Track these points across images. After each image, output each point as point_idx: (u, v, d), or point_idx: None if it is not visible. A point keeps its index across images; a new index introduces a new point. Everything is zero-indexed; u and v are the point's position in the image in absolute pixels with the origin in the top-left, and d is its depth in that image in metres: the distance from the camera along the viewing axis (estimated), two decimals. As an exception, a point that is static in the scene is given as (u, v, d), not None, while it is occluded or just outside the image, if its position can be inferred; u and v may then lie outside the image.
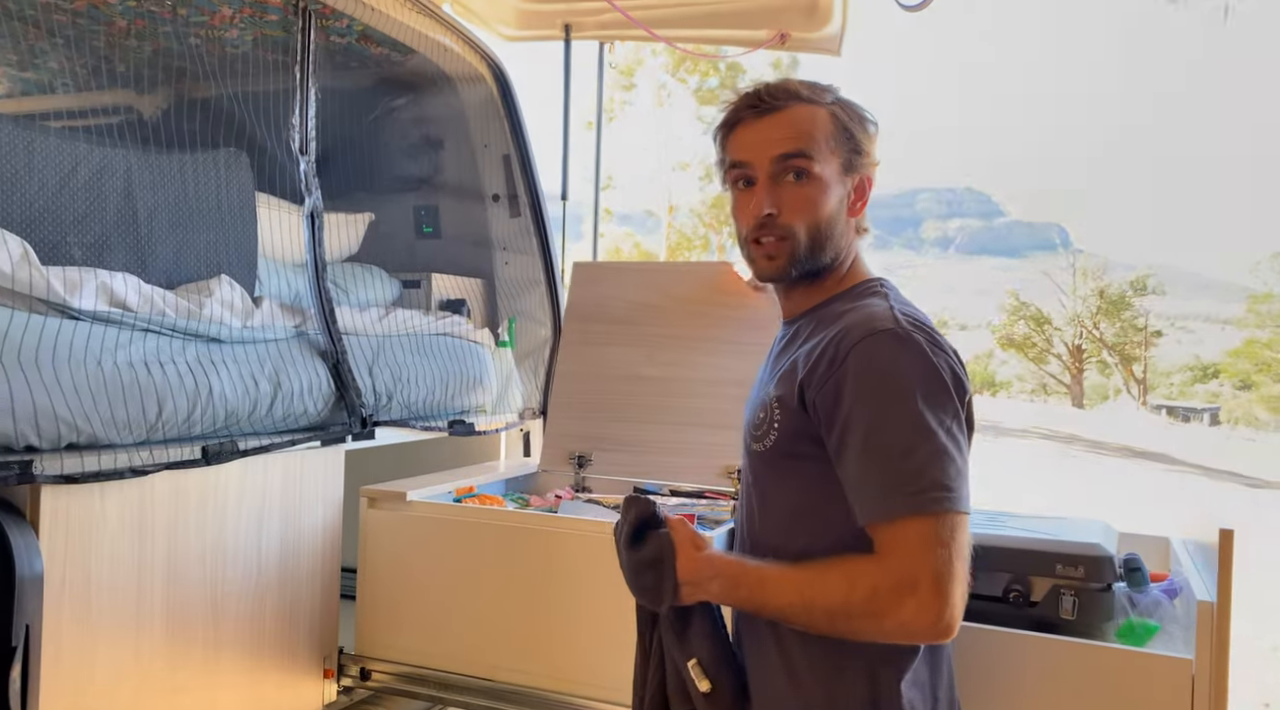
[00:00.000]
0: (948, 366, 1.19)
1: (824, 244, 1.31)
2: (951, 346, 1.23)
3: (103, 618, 1.72)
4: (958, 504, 1.11)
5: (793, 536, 1.27)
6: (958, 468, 1.13)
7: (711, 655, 1.29)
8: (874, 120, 1.37)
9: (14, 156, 1.79)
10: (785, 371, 1.29)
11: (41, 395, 1.62)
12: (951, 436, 1.14)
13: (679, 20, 3.23)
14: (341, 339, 2.37)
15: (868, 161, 1.35)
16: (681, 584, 1.28)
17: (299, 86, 2.33)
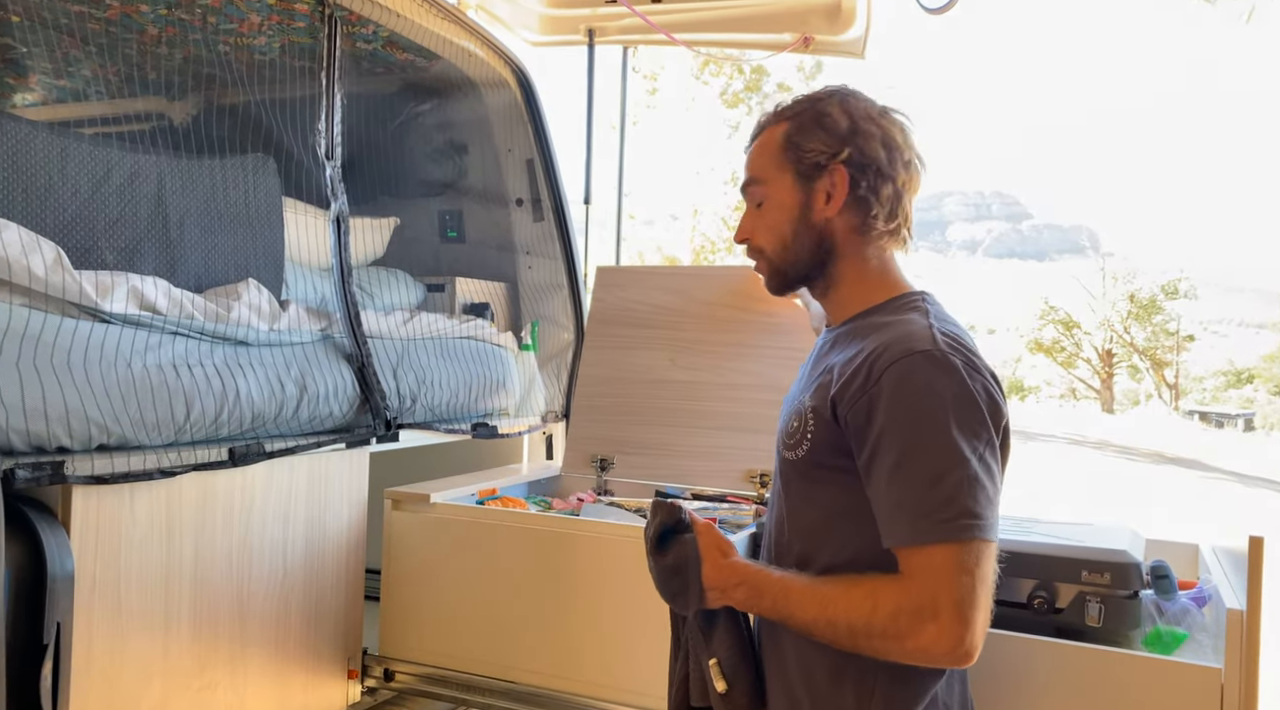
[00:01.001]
0: (984, 391, 1.17)
1: (798, 255, 1.34)
2: (990, 369, 1.21)
3: (132, 616, 1.75)
4: (985, 532, 1.11)
5: (820, 547, 1.27)
6: (988, 495, 1.13)
7: (731, 657, 1.30)
8: (849, 110, 1.31)
9: (48, 163, 1.82)
10: (820, 381, 1.28)
11: (73, 397, 1.65)
12: (984, 463, 1.14)
13: (702, 25, 3.24)
14: (366, 342, 2.39)
15: (831, 157, 1.29)
16: (707, 589, 1.29)
17: (325, 92, 2.35)
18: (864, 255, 1.34)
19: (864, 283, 1.34)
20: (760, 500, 2.46)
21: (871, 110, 1.31)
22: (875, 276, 1.34)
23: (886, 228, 1.32)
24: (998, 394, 1.19)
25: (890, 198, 1.31)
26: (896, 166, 1.30)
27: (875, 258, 1.34)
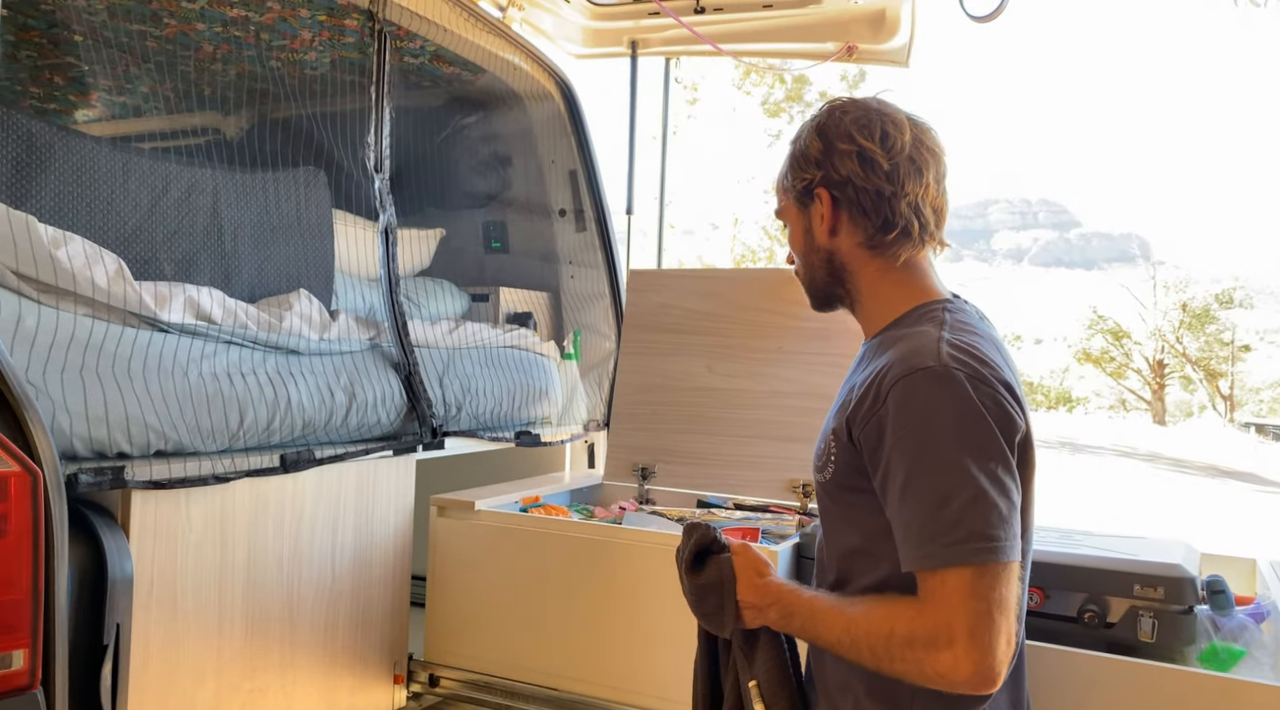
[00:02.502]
0: (992, 403, 1.14)
1: (814, 277, 1.39)
2: (1005, 379, 1.17)
3: (187, 619, 1.79)
4: (999, 554, 1.08)
5: (855, 569, 1.27)
6: (1001, 514, 1.09)
7: (771, 680, 1.29)
8: (826, 133, 1.31)
9: (110, 178, 1.89)
10: (843, 401, 1.29)
11: (133, 404, 1.70)
12: (995, 480, 1.10)
13: (745, 35, 3.24)
14: (413, 351, 2.43)
15: (817, 181, 1.32)
16: (743, 608, 1.30)
17: (374, 106, 2.40)
18: (879, 267, 1.33)
19: (884, 295, 1.34)
20: (803, 510, 2.44)
21: (851, 126, 1.30)
22: (896, 287, 1.33)
23: (887, 237, 1.30)
24: (1010, 405, 1.15)
25: (877, 207, 1.29)
26: (876, 176, 1.28)
27: (893, 268, 1.32)
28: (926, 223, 1.30)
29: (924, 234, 1.31)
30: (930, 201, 1.30)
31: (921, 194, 1.29)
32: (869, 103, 1.33)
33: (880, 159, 1.28)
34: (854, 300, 1.38)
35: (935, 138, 1.33)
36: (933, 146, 1.31)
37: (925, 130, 1.32)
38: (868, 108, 1.32)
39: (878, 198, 1.29)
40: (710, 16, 3.16)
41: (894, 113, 1.31)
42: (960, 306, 1.32)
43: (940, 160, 1.32)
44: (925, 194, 1.29)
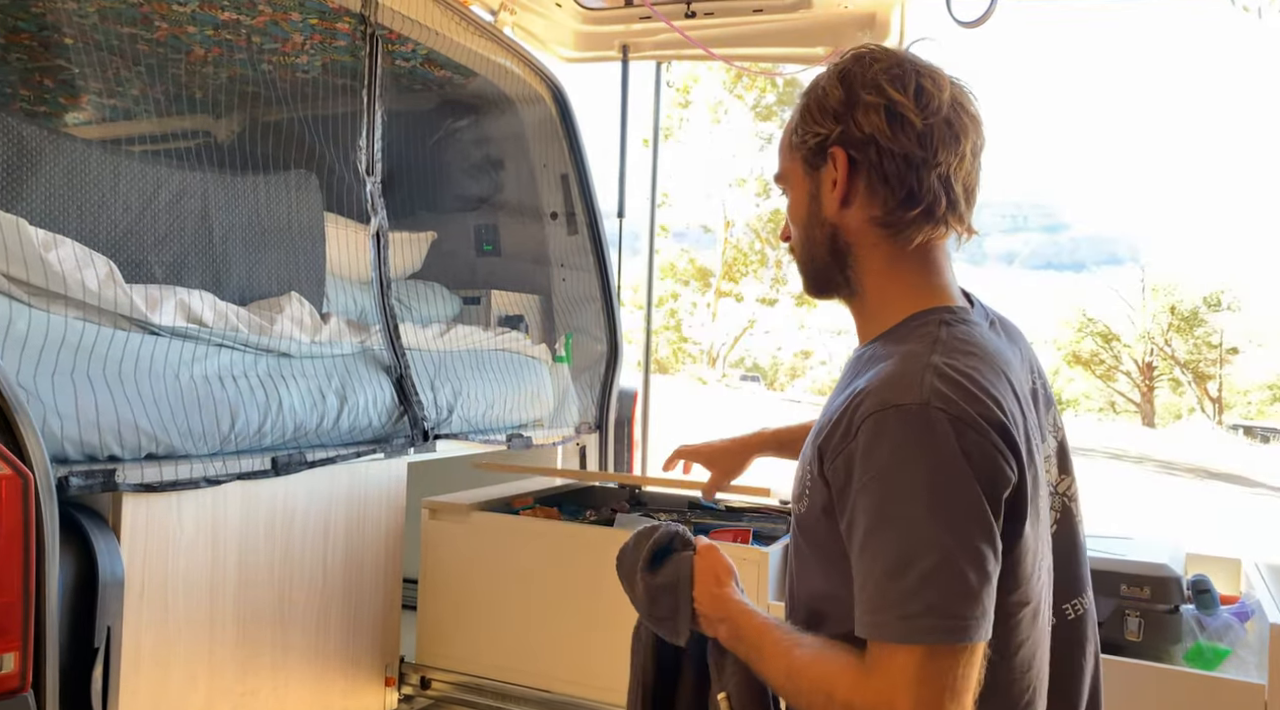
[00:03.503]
0: (979, 453, 0.94)
1: (814, 254, 1.16)
2: (1000, 418, 0.96)
3: (178, 622, 1.79)
4: (959, 635, 0.91)
5: (822, 617, 1.09)
6: (969, 588, 0.91)
7: (742, 692, 1.15)
8: (849, 79, 1.08)
9: (102, 181, 1.89)
10: (819, 425, 1.08)
11: (124, 407, 1.70)
12: (967, 547, 0.92)
13: (736, 39, 3.26)
14: (405, 354, 2.43)
15: (833, 137, 1.09)
16: (698, 615, 1.17)
17: (366, 110, 2.41)
18: (888, 254, 1.11)
19: (887, 292, 1.12)
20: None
21: (880, 75, 1.06)
22: (900, 283, 1.11)
23: (908, 214, 1.07)
24: (1001, 453, 0.95)
25: (901, 175, 1.06)
26: (905, 136, 1.05)
27: (904, 256, 1.11)
28: (956, 201, 1.08)
29: (950, 214, 1.08)
30: (963, 177, 1.08)
31: (955, 166, 1.07)
32: (902, 53, 1.10)
33: (913, 117, 1.05)
34: (853, 292, 1.15)
35: (976, 103, 1.10)
36: (974, 112, 1.09)
37: (965, 92, 1.09)
38: (901, 58, 1.09)
39: (905, 164, 1.05)
40: (701, 20, 3.18)
41: (931, 67, 1.09)
42: (964, 317, 1.09)
43: (979, 130, 1.10)
44: (959, 167, 1.07)
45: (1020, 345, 1.18)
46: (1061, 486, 1.17)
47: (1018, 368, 1.09)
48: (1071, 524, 1.18)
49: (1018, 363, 1.11)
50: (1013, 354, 1.11)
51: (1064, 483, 1.17)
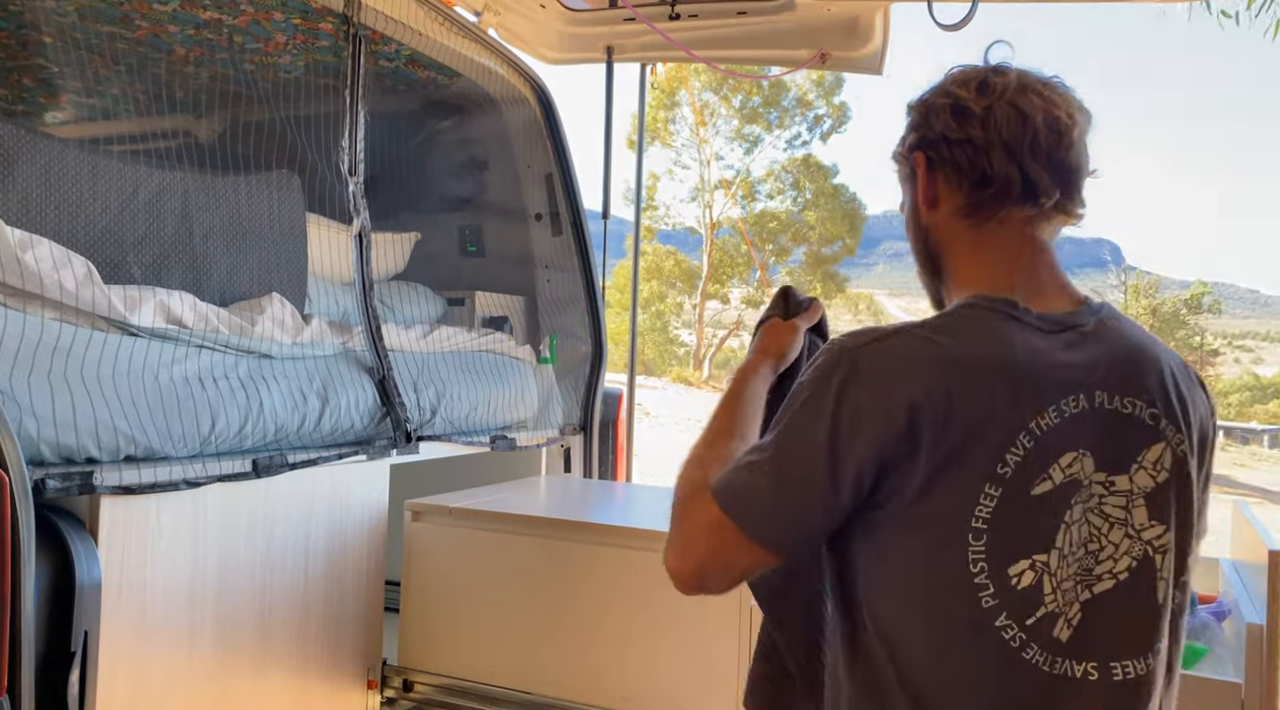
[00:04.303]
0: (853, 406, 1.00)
1: (919, 262, 1.20)
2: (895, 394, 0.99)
3: (157, 625, 1.77)
4: (727, 505, 1.03)
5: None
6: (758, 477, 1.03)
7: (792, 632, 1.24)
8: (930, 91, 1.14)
9: (79, 180, 1.87)
10: None
11: (102, 409, 1.68)
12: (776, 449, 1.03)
13: (720, 41, 3.26)
14: (387, 355, 2.42)
15: (912, 143, 1.15)
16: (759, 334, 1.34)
17: (349, 110, 2.40)
18: (968, 244, 1.13)
19: (961, 284, 1.13)
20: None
21: (950, 81, 1.13)
22: (972, 274, 1.12)
23: (982, 195, 1.09)
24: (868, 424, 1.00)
25: (972, 160, 1.08)
26: (969, 124, 1.08)
27: (983, 246, 1.12)
28: (1033, 180, 1.07)
29: (1029, 193, 1.07)
30: (1042, 154, 1.07)
31: (1026, 143, 1.06)
32: (988, 66, 1.13)
33: (973, 105, 1.08)
34: (940, 298, 1.17)
35: (1059, 90, 1.10)
36: (1049, 95, 1.09)
37: (1044, 81, 1.10)
38: (978, 66, 1.13)
39: (972, 149, 1.08)
40: (685, 23, 3.18)
41: (1006, 67, 1.12)
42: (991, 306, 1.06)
43: (1058, 107, 1.08)
44: (1030, 144, 1.06)
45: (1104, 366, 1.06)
46: (1148, 533, 1.05)
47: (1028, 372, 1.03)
48: (1149, 576, 1.05)
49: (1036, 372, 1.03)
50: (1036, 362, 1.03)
51: (1153, 531, 1.05)
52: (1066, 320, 1.07)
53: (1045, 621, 1.01)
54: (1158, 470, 1.06)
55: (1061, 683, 1.01)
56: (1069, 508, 1.02)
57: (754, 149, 31.87)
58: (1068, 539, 1.02)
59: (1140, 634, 1.04)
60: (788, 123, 31.14)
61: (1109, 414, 1.04)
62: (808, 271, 31.97)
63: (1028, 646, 1.01)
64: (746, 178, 32.19)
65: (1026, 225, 1.10)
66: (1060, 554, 1.02)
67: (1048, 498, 1.01)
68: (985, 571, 1.00)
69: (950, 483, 0.99)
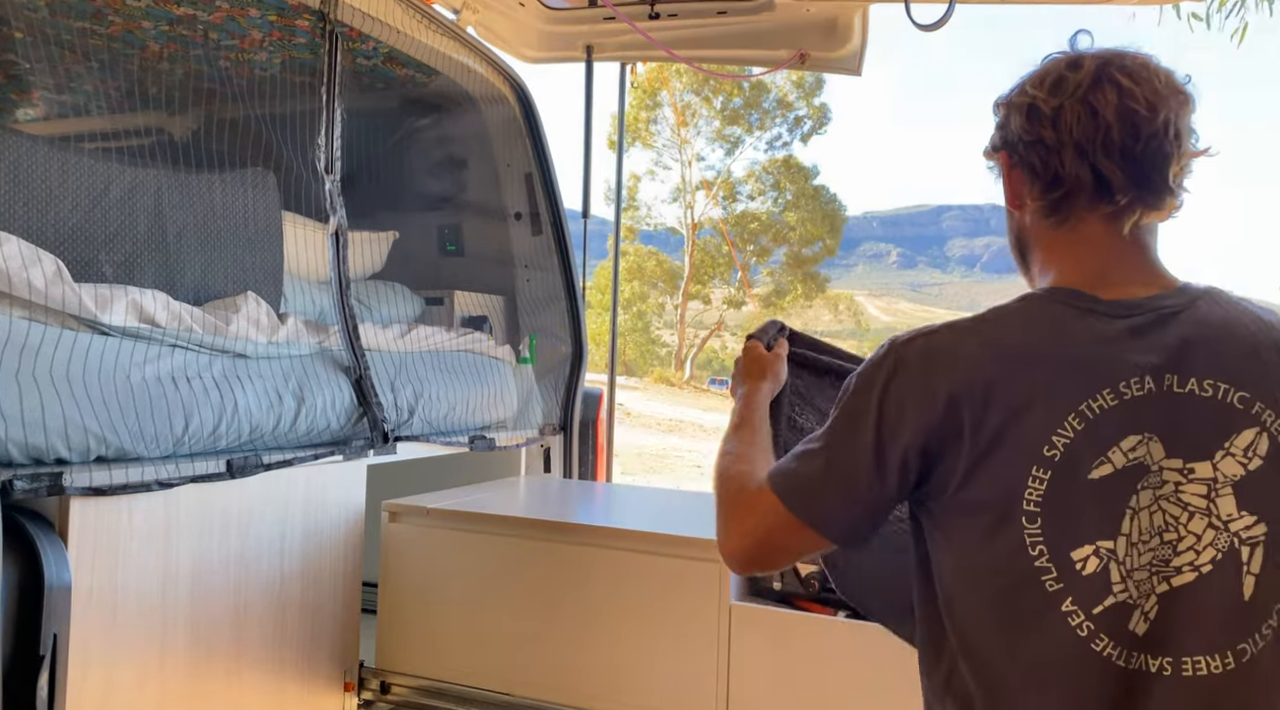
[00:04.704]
0: (897, 392, 1.05)
1: (1011, 246, 1.21)
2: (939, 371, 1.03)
3: (128, 628, 1.75)
4: (779, 490, 1.12)
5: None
6: (810, 466, 1.11)
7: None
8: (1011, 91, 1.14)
9: (48, 177, 1.84)
10: None
11: (72, 409, 1.66)
12: (827, 441, 1.10)
13: (699, 41, 3.26)
14: (364, 355, 2.40)
15: (998, 142, 1.15)
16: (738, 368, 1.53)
17: (325, 107, 2.38)
18: (1050, 244, 1.13)
19: (1041, 276, 1.14)
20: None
21: (1026, 80, 1.12)
22: (1053, 267, 1.12)
23: (1053, 195, 1.09)
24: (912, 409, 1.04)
25: (1045, 160, 1.08)
26: (1040, 124, 1.08)
27: (1061, 244, 1.12)
28: (1109, 177, 1.05)
29: (1103, 192, 1.06)
30: (1116, 150, 1.04)
31: (1097, 141, 1.04)
32: (1067, 53, 1.11)
33: (1043, 106, 1.07)
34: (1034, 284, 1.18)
35: (1142, 76, 1.05)
36: (1127, 84, 1.05)
37: (1125, 69, 1.06)
38: (1058, 58, 1.11)
39: (1044, 149, 1.08)
40: (665, 22, 3.18)
41: (1084, 55, 1.09)
42: (1055, 298, 1.07)
43: (1133, 99, 1.04)
44: (1104, 141, 1.04)
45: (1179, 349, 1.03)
46: (1236, 525, 1.00)
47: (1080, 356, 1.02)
48: (1235, 570, 1.00)
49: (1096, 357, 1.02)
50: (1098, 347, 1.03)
51: (1242, 522, 1.00)
52: (1143, 305, 1.05)
53: (1116, 612, 0.99)
54: (1249, 457, 1.00)
55: (1135, 678, 0.99)
56: (1135, 493, 1.00)
57: (735, 150, 31.97)
58: (1136, 526, 0.99)
59: (1221, 630, 0.99)
60: (768, 124, 31.25)
61: (1182, 398, 1.01)
62: (788, 272, 32.10)
63: (1096, 637, 0.99)
64: (728, 178, 32.26)
65: (1106, 222, 1.08)
66: (1129, 542, 0.99)
67: (1108, 482, 1.00)
68: (1046, 555, 1.00)
69: (995, 467, 1.01)
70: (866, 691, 1.87)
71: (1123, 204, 1.06)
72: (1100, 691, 0.99)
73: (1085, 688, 0.99)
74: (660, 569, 2.06)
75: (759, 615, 1.99)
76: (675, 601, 2.04)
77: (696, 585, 2.02)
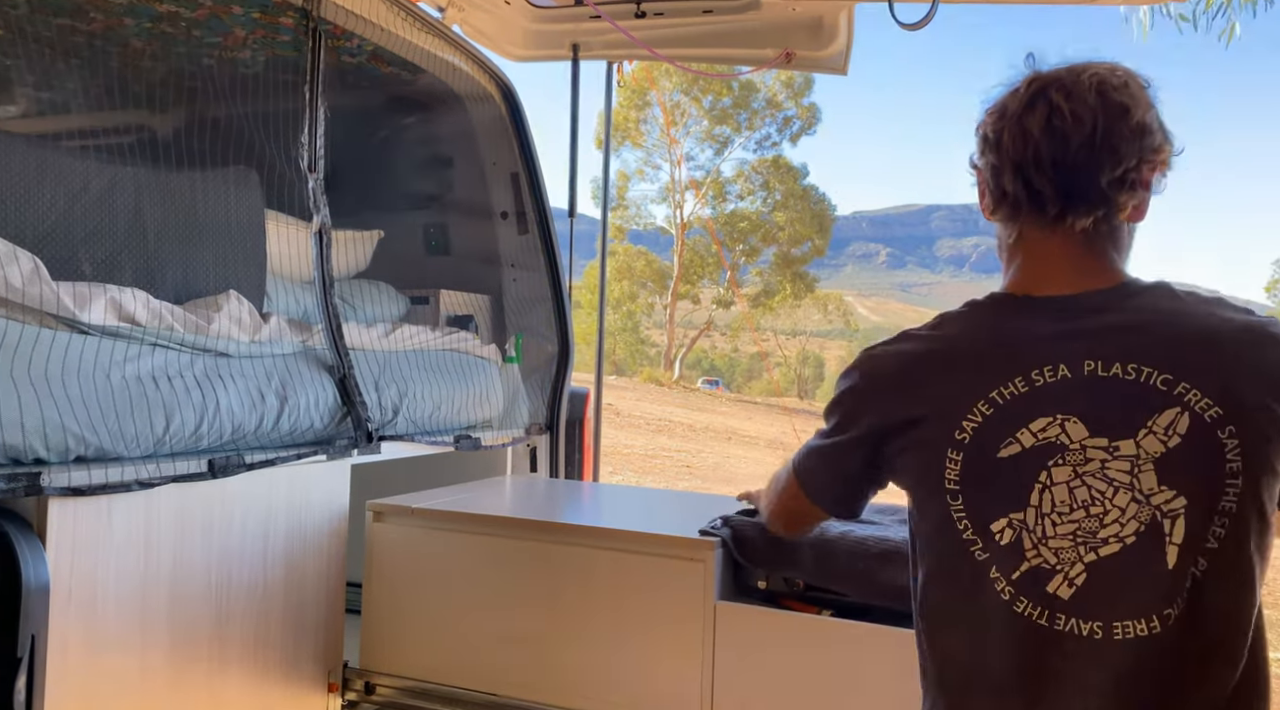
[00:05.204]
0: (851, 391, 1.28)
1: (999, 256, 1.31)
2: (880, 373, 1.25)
3: (108, 630, 1.74)
4: (798, 475, 1.38)
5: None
6: (812, 455, 1.35)
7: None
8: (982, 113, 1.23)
9: (25, 174, 1.82)
10: None
11: (50, 408, 1.64)
12: (823, 433, 1.33)
13: (686, 40, 3.26)
14: (348, 354, 2.39)
15: (971, 162, 1.26)
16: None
17: (308, 105, 2.36)
18: (1011, 248, 1.23)
19: (1002, 280, 1.26)
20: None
21: (988, 107, 1.21)
22: (1007, 271, 1.24)
23: (1000, 212, 1.21)
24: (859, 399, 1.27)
25: (993, 181, 1.20)
26: (987, 148, 1.19)
27: (1016, 253, 1.22)
28: (1040, 191, 1.14)
29: (1036, 205, 1.15)
30: (1046, 164, 1.13)
31: (1030, 158, 1.13)
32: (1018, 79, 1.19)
33: (989, 131, 1.19)
34: None
35: (1083, 86, 1.12)
36: (1058, 100, 1.12)
37: (1063, 83, 1.13)
38: (1015, 81, 1.19)
39: (991, 172, 1.20)
40: (651, 20, 3.18)
41: (1025, 79, 1.17)
42: (993, 300, 1.22)
43: (1061, 113, 1.11)
44: (1034, 158, 1.13)
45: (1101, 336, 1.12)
46: (1157, 498, 1.07)
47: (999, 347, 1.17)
48: (1158, 541, 1.07)
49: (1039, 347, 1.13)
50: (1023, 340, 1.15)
51: (1162, 496, 1.07)
52: (1075, 300, 1.15)
53: (1035, 577, 1.10)
54: (1169, 435, 1.07)
55: (1064, 639, 1.09)
56: (1045, 469, 1.10)
57: (724, 150, 32.01)
58: (1048, 498, 1.10)
59: (1148, 596, 1.07)
60: (758, 124, 31.30)
61: (1105, 381, 1.09)
62: (777, 272, 32.16)
63: (1017, 600, 1.11)
64: (717, 178, 32.29)
65: (1044, 229, 1.17)
66: (1039, 512, 1.10)
67: (1016, 459, 1.11)
68: (970, 528, 1.14)
69: (920, 452, 1.18)
70: (850, 689, 1.87)
71: (1053, 214, 1.15)
72: (1028, 650, 1.11)
73: (1014, 646, 1.12)
74: (645, 568, 2.06)
75: (743, 614, 1.99)
76: (660, 600, 2.04)
77: (681, 584, 2.02)
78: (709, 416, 21.34)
